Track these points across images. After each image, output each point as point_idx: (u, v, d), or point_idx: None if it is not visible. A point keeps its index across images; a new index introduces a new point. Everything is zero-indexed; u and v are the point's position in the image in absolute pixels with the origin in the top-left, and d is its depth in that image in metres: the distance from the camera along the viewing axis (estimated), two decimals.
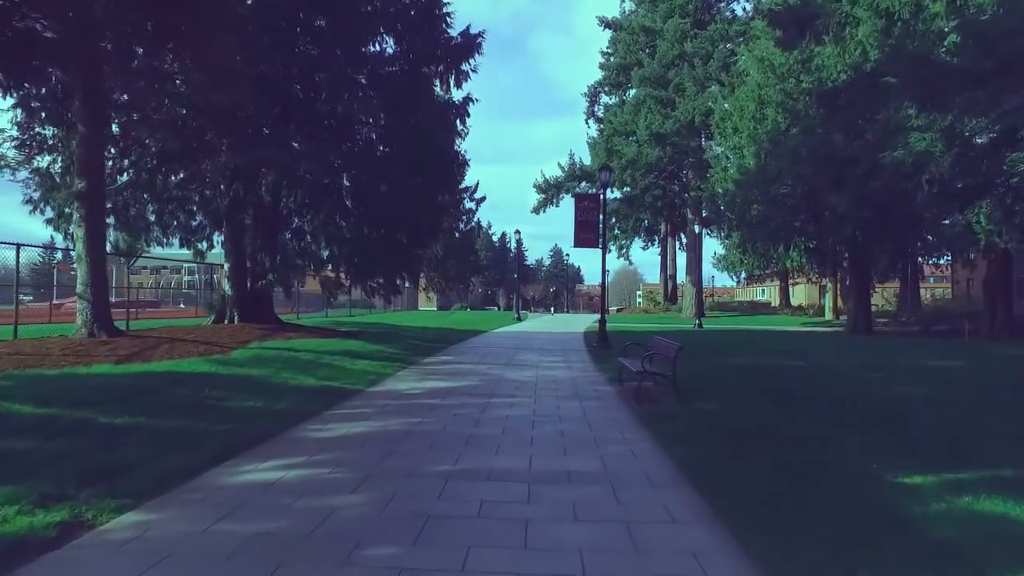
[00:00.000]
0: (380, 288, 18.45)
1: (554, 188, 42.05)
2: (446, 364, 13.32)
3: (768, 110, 27.81)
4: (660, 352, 9.25)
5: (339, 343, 14.54)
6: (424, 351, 15.49)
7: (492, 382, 10.76)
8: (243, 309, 16.25)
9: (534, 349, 17.60)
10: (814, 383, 10.83)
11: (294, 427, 6.72)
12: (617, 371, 11.66)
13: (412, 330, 22.33)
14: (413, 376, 11.26)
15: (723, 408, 8.17)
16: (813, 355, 16.54)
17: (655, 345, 10.25)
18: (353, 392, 9.20)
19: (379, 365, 12.06)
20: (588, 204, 18.28)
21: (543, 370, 12.73)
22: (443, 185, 17.61)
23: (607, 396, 9.52)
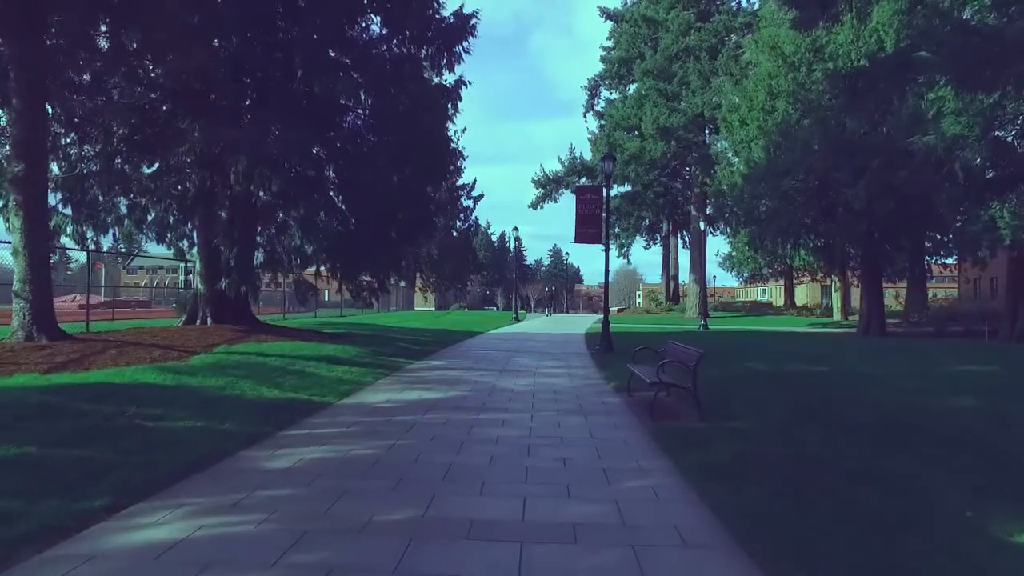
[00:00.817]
0: (366, 288, 17.18)
1: (553, 183, 40.77)
2: (434, 371, 12.05)
3: (778, 101, 26.57)
4: (677, 360, 7.98)
5: (318, 347, 13.27)
6: (412, 355, 14.21)
7: (483, 392, 9.48)
8: (217, 309, 14.96)
9: (532, 352, 16.33)
10: (851, 394, 9.57)
11: (233, 455, 5.44)
12: (624, 378, 10.39)
13: (403, 331, 21.05)
14: (395, 385, 9.98)
15: (756, 428, 6.90)
16: (834, 360, 15.29)
17: (671, 351, 8.97)
18: (320, 406, 7.92)
19: (358, 372, 10.79)
20: (590, 197, 17.02)
21: (542, 377, 11.46)
22: (435, 174, 16.34)
23: (615, 409, 8.25)
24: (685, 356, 7.88)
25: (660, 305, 49.80)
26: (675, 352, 8.63)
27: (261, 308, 28.28)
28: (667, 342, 9.56)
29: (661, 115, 35.63)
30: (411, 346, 16.11)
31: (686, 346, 8.59)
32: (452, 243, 54.92)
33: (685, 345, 8.77)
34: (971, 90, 11.87)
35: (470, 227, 57.14)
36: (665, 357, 9.10)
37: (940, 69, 11.29)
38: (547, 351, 16.91)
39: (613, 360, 14.16)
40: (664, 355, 9.29)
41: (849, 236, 24.98)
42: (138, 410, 6.21)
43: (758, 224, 25.98)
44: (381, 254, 17.10)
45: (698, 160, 38.33)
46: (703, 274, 40.13)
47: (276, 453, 5.58)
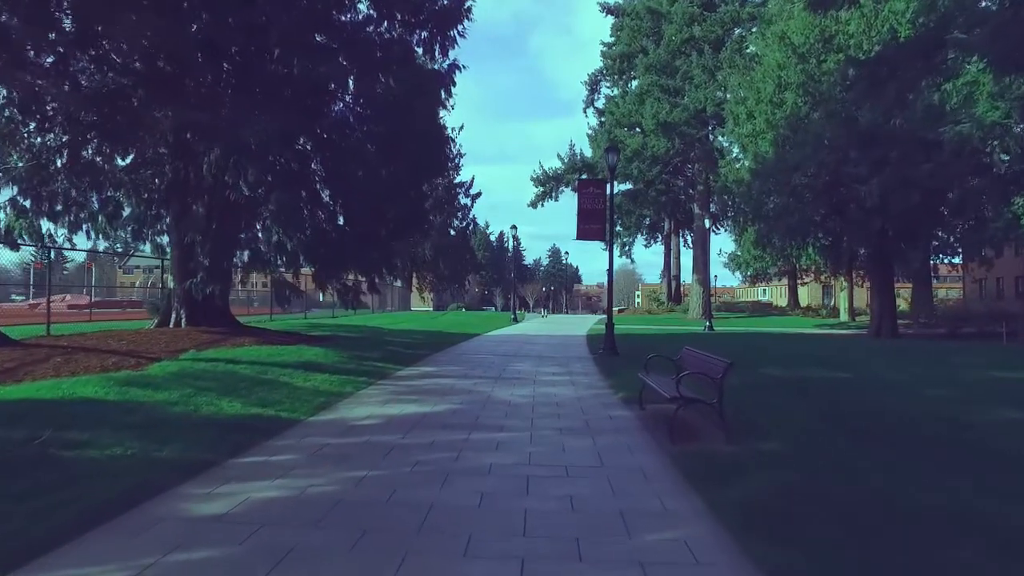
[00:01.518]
0: (353, 289, 16.12)
1: (553, 181, 39.67)
2: (425, 379, 10.99)
3: (787, 93, 25.57)
4: (699, 370, 6.92)
5: (300, 352, 12.21)
6: (403, 360, 13.16)
7: (477, 405, 8.43)
8: (191, 311, 13.90)
9: (531, 357, 15.28)
10: (884, 405, 8.54)
11: (161, 494, 4.39)
12: (634, 387, 9.37)
13: (396, 334, 19.99)
14: (378, 396, 8.93)
15: (795, 452, 5.86)
16: (853, 364, 14.27)
17: (689, 360, 7.94)
18: (287, 424, 6.87)
19: (339, 381, 9.73)
20: (593, 191, 15.98)
21: (542, 386, 10.41)
22: (428, 166, 15.27)
23: (627, 427, 7.20)
24: (708, 366, 6.83)
25: (661, 305, 48.79)
26: (695, 361, 7.59)
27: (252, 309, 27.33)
28: (681, 348, 8.52)
29: (662, 110, 34.57)
30: (402, 350, 15.06)
31: (707, 354, 7.54)
32: (449, 242, 53.96)
33: (705, 353, 7.73)
34: (1015, 72, 10.86)
35: (468, 226, 56.21)
36: (683, 366, 8.07)
37: (979, 49, 10.33)
38: (547, 355, 15.87)
39: (619, 365, 13.13)
40: (681, 364, 8.27)
41: (861, 234, 23.97)
42: (54, 434, 5.15)
43: (766, 221, 24.95)
44: (370, 252, 16.08)
45: (701, 157, 37.29)
46: (706, 274, 39.15)
47: (216, 491, 4.53)
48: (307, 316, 26.97)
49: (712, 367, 6.72)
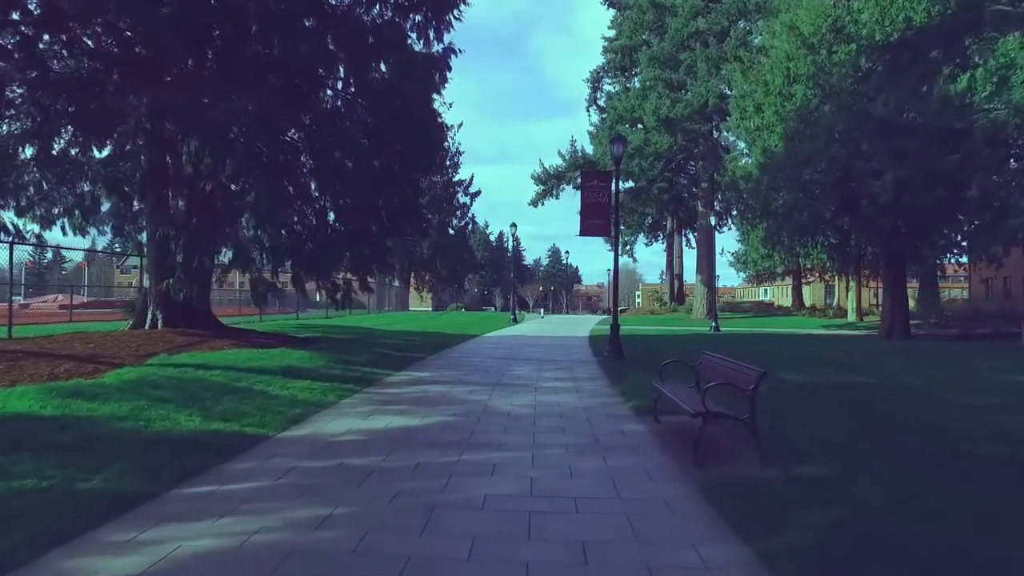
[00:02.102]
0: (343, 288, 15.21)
1: (554, 178, 38.71)
2: (416, 385, 10.08)
3: (797, 86, 24.66)
4: (726, 381, 6.01)
5: (283, 355, 11.32)
6: (394, 364, 12.25)
7: (472, 416, 7.53)
8: (169, 311, 13.01)
9: (532, 360, 14.38)
10: (921, 416, 7.65)
11: (67, 543, 3.48)
12: (645, 394, 8.52)
13: (390, 335, 19.09)
14: (362, 407, 8.02)
15: (845, 480, 4.95)
16: (873, 368, 13.37)
17: (709, 367, 7.04)
18: (252, 442, 5.97)
19: (320, 389, 8.83)
20: (597, 184, 15.08)
21: (544, 393, 9.51)
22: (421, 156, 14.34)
23: (642, 444, 6.30)
24: (737, 376, 5.92)
25: (664, 305, 47.88)
26: (718, 369, 6.68)
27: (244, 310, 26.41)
28: (700, 353, 7.60)
29: (663, 105, 33.65)
30: (394, 353, 14.15)
31: (732, 360, 6.64)
32: (448, 241, 53.05)
33: (728, 359, 6.82)
34: None
35: (467, 225, 55.32)
36: (703, 374, 7.18)
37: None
38: (549, 358, 14.96)
39: (625, 369, 12.23)
40: (701, 371, 7.37)
41: (872, 232, 23.09)
42: None
43: (775, 218, 24.05)
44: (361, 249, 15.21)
45: (705, 153, 36.38)
46: (711, 273, 38.25)
47: (140, 536, 3.62)
48: (299, 317, 26.07)
49: (741, 377, 5.81)
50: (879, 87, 17.90)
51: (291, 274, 13.21)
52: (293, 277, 13.21)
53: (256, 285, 12.57)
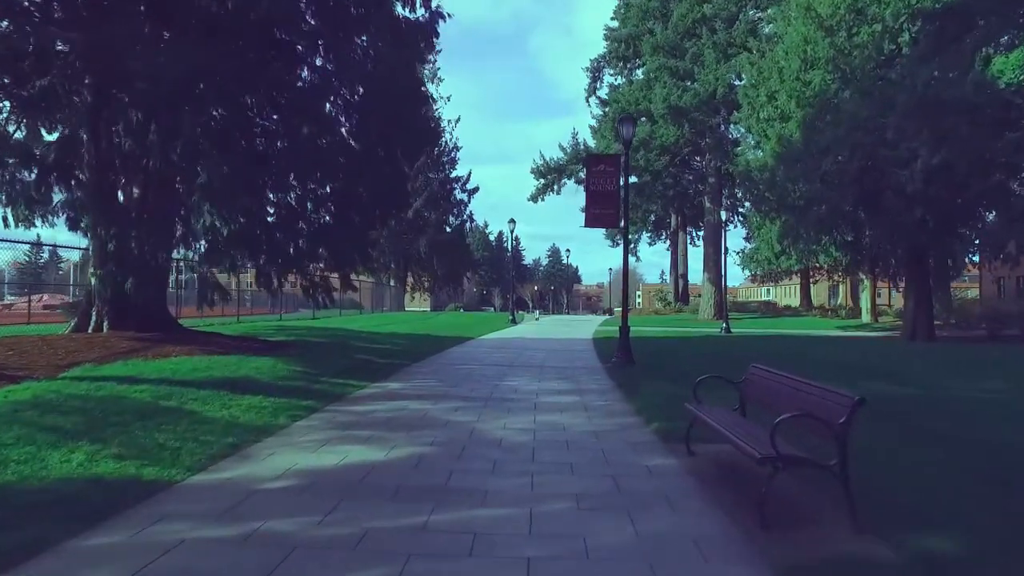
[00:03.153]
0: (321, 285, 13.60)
1: (555, 172, 37.02)
2: (392, 400, 8.43)
3: (814, 71, 23.04)
4: (802, 409, 4.33)
5: (239, 364, 9.69)
6: (370, 373, 10.59)
7: (454, 447, 5.89)
8: (116, 312, 11.38)
9: (531, 367, 12.74)
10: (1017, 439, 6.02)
11: None
12: (669, 412, 6.93)
13: (376, 338, 17.45)
14: (316, 434, 6.38)
15: (988, 560, 3.32)
16: (920, 377, 11.73)
17: (763, 385, 5.41)
18: (144, 494, 4.32)
19: (271, 408, 7.19)
20: (604, 169, 13.43)
21: (545, 411, 7.86)
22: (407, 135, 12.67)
23: (679, 490, 4.66)
24: (814, 402, 4.28)
25: (669, 305, 46.27)
26: (776, 389, 5.05)
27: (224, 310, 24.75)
28: (748, 368, 5.96)
29: (672, 94, 32.00)
30: (375, 359, 12.52)
31: (800, 379, 5.00)
32: (445, 239, 51.36)
33: (790, 375, 5.19)
34: None
35: (464, 222, 53.70)
36: (753, 394, 5.56)
37: None
38: (549, 364, 13.32)
39: (639, 378, 10.60)
40: (746, 390, 5.74)
41: (896, 226, 21.46)
42: None
43: (793, 212, 22.41)
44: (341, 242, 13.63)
45: (713, 146, 34.73)
46: (719, 272, 36.54)
47: None
48: (282, 318, 24.42)
49: (822, 404, 4.17)
50: (922, 59, 16.28)
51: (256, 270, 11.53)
52: (258, 273, 11.56)
53: (202, 284, 10.90)
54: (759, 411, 5.74)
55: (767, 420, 5.49)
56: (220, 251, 10.87)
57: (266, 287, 11.95)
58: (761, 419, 5.53)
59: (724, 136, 35.05)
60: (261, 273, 11.53)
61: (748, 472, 4.98)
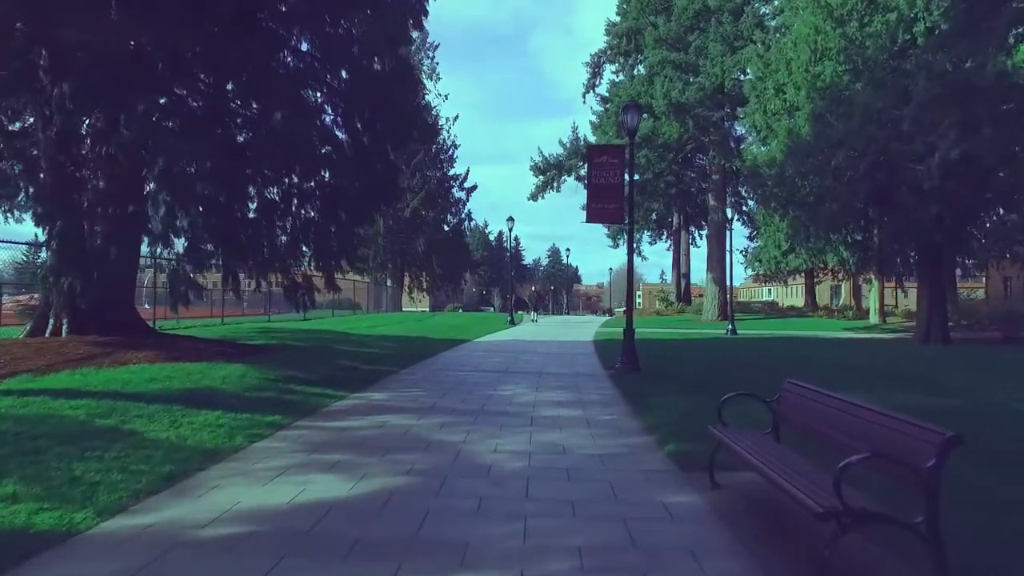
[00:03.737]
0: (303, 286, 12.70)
1: (554, 168, 36.04)
2: (370, 415, 7.50)
3: (825, 62, 22.14)
4: (876, 449, 3.39)
5: (204, 373, 8.78)
6: (351, 382, 9.65)
7: (433, 479, 4.96)
8: (76, 314, 10.45)
9: (529, 373, 11.82)
10: None
11: None
12: (684, 430, 6.06)
13: (365, 341, 16.54)
14: (275, 459, 5.45)
15: None
16: (948, 385, 10.82)
17: (804, 407, 4.48)
18: (26, 552, 3.40)
19: (229, 426, 6.27)
20: (607, 160, 12.51)
21: (543, 428, 6.94)
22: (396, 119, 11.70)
23: (707, 541, 3.74)
24: (886, 436, 3.36)
25: (671, 306, 45.31)
26: (822, 412, 4.13)
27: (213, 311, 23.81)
28: (782, 384, 5.03)
29: (675, 88, 31.06)
30: (360, 364, 11.60)
31: (845, 399, 4.09)
32: (443, 238, 50.42)
33: (834, 394, 4.28)
34: None
35: (462, 221, 52.80)
36: (790, 416, 4.65)
37: None
38: (549, 370, 12.40)
39: (646, 387, 9.69)
40: (782, 410, 4.83)
41: (910, 223, 20.57)
42: None
43: (803, 208, 21.51)
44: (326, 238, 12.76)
45: (718, 143, 33.78)
46: (723, 271, 35.67)
47: None
48: (270, 319, 23.47)
49: (893, 437, 3.25)
50: (946, 43, 15.38)
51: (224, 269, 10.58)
52: (225, 272, 10.62)
53: (174, 281, 9.97)
54: (796, 435, 4.84)
55: (810, 448, 4.60)
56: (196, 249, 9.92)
57: (234, 289, 11.02)
58: (803, 447, 4.62)
59: (729, 132, 34.12)
60: (229, 272, 10.58)
61: (790, 515, 4.07)
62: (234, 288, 11.13)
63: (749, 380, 10.53)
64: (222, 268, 10.66)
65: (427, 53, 53.80)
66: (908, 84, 19.67)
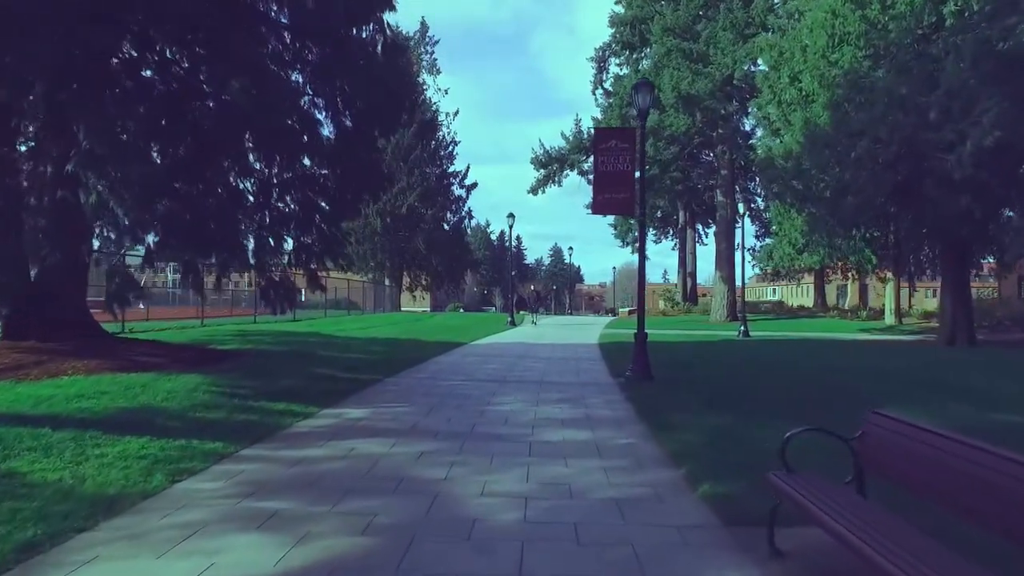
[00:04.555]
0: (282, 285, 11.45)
1: (556, 162, 34.71)
2: (337, 439, 6.22)
3: (844, 47, 20.85)
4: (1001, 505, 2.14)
5: (146, 386, 7.52)
6: (325, 395, 8.35)
7: (394, 545, 3.67)
8: (14, 315, 9.20)
9: (528, 383, 10.53)
10: None
11: None
12: (719, 462, 4.84)
13: (353, 345, 15.28)
14: (191, 509, 4.17)
15: None
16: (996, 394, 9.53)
17: (917, 455, 3.19)
18: None
19: (151, 458, 5.01)
20: (616, 144, 11.21)
21: (543, 458, 5.65)
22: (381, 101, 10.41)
23: None
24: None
25: (677, 306, 44.02)
26: (962, 468, 2.84)
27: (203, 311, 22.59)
28: (865, 416, 3.73)
29: (683, 80, 29.73)
30: (339, 372, 10.33)
31: (973, 443, 2.81)
32: (443, 236, 49.14)
33: (952, 435, 3.00)
34: None
35: (462, 219, 51.56)
36: (882, 459, 3.38)
37: None
38: (551, 379, 11.11)
39: (661, 400, 8.42)
40: (866, 450, 3.56)
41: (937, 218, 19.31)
42: None
43: (822, 203, 20.22)
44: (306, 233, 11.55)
45: (727, 136, 32.46)
46: (732, 270, 34.36)
47: None
48: (256, 320, 22.21)
49: None
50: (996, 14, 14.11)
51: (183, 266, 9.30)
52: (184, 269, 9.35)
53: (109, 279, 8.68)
54: (887, 483, 3.56)
55: (914, 508, 3.32)
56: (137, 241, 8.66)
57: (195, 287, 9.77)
58: (899, 502, 3.35)
59: (739, 126, 32.83)
60: (188, 269, 9.31)
61: None
62: (195, 287, 9.88)
63: (780, 392, 9.26)
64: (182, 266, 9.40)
65: (426, 48, 52.64)
66: (934, 69, 18.45)
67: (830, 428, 3.80)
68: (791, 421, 7.01)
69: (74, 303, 9.85)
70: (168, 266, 25.07)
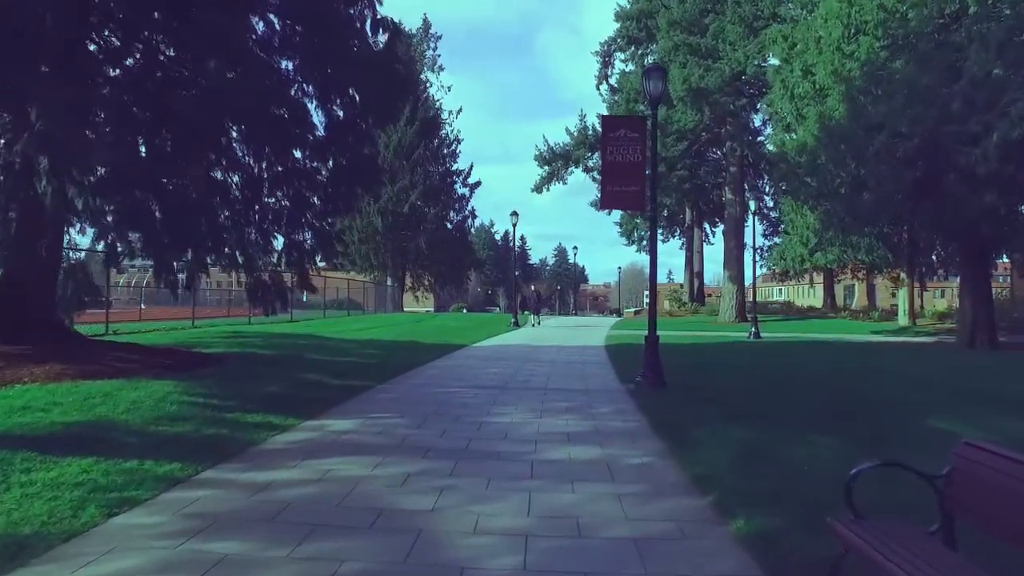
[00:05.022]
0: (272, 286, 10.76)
1: (561, 159, 33.91)
2: (311, 460, 5.48)
3: (862, 38, 20.08)
4: None
5: (107, 395, 6.82)
6: (309, 404, 7.60)
7: None
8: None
9: (531, 390, 9.77)
10: None
11: None
12: (740, 481, 4.07)
13: (347, 348, 14.56)
14: (116, 559, 3.42)
15: None
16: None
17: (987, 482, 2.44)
18: None
19: (91, 486, 4.29)
20: (625, 134, 10.44)
21: (546, 486, 4.90)
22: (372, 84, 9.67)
23: None
24: None
25: (684, 306, 43.20)
26: None
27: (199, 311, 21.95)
28: (957, 446, 2.98)
29: (693, 74, 28.93)
30: (328, 379, 9.60)
31: None
32: (446, 236, 48.41)
33: None
34: None
35: (466, 218, 50.86)
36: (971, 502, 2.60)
37: None
38: (556, 385, 10.36)
39: (677, 410, 7.66)
40: (955, 491, 2.79)
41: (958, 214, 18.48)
42: None
43: (839, 199, 19.43)
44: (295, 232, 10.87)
45: (736, 133, 31.65)
46: (741, 269, 33.60)
47: None
48: (251, 321, 21.53)
49: None
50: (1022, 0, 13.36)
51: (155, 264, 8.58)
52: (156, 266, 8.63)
53: (66, 280, 7.98)
54: (983, 534, 2.80)
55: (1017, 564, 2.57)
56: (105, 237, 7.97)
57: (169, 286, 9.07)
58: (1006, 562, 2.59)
59: (748, 122, 32.02)
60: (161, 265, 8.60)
61: None
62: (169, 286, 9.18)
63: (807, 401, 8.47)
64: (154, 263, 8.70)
65: (429, 44, 51.97)
66: (956, 59, 17.67)
67: (872, 444, 3.07)
68: (828, 435, 6.27)
69: (40, 303, 9.14)
70: None
